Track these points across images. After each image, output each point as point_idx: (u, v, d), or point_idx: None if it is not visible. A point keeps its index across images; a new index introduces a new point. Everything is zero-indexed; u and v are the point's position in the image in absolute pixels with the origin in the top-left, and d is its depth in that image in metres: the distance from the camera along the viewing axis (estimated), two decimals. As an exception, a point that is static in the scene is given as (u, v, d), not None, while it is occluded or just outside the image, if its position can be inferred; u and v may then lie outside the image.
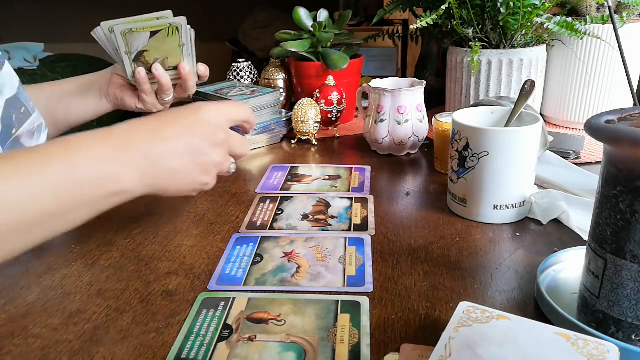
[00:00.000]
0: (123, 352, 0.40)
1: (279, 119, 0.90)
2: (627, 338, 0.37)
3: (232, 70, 1.04)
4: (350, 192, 0.68)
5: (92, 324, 0.43)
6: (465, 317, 0.35)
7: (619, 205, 0.35)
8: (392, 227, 0.58)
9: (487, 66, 0.82)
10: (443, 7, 0.76)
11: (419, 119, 0.79)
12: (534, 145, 0.56)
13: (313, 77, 0.96)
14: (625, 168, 0.34)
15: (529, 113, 0.61)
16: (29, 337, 0.42)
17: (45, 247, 0.56)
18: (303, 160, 0.82)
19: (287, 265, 0.51)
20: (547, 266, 0.47)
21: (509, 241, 0.54)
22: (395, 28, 1.23)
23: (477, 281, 0.47)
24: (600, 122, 0.36)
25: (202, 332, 0.42)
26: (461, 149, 0.57)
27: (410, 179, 0.72)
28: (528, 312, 0.43)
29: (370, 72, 1.24)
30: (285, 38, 0.98)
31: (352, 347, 0.39)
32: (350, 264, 0.51)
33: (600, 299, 0.38)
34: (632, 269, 0.35)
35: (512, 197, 0.57)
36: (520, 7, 0.74)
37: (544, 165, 0.68)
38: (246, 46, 3.03)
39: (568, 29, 0.74)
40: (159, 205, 0.65)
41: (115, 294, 0.47)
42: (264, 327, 0.42)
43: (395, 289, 0.47)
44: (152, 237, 0.58)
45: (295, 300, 0.45)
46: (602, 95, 0.86)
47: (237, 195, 0.68)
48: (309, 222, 0.60)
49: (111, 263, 0.53)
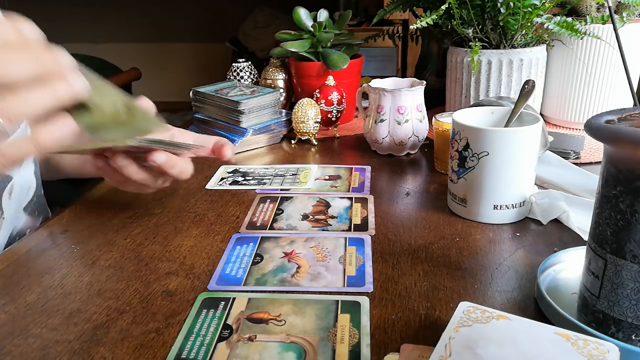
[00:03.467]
0: (123, 352, 0.40)
1: (279, 119, 0.90)
2: (627, 338, 0.37)
3: (232, 70, 1.04)
4: (350, 192, 0.68)
5: (92, 324, 0.43)
6: (465, 317, 0.35)
7: (619, 205, 0.35)
8: (392, 227, 0.58)
9: (487, 66, 0.82)
10: (443, 7, 0.76)
11: (419, 119, 0.79)
12: (534, 145, 0.56)
13: (313, 77, 0.96)
14: (625, 168, 0.34)
15: (529, 113, 0.61)
16: (29, 337, 0.42)
17: (45, 247, 0.56)
18: (303, 160, 0.82)
19: (287, 265, 0.51)
20: (547, 266, 0.47)
21: (509, 241, 0.54)
22: (395, 28, 1.23)
23: (477, 281, 0.47)
24: (600, 122, 0.36)
25: (202, 332, 0.42)
26: (461, 149, 0.57)
27: (410, 179, 0.72)
28: (528, 312, 0.43)
29: (370, 72, 1.24)
30: (285, 38, 0.98)
31: (352, 347, 0.39)
32: (350, 264, 0.51)
33: (600, 299, 0.38)
34: (632, 269, 0.35)
35: (512, 197, 0.57)
36: (520, 7, 0.74)
37: (544, 165, 0.68)
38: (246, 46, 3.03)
39: (568, 29, 0.74)
40: (159, 205, 0.65)
41: (115, 294, 0.47)
42: (264, 327, 0.42)
43: (395, 289, 0.47)
44: (152, 237, 0.58)
45: (295, 300, 0.45)
46: (602, 95, 0.86)
47: (237, 195, 0.68)
48: (309, 222, 0.60)
49: (111, 263, 0.53)
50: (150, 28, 3.70)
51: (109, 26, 3.67)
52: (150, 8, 3.61)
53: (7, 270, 0.52)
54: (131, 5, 3.60)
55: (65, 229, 0.61)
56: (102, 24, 3.66)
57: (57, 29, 3.66)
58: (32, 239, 0.58)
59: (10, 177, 0.60)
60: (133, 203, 0.65)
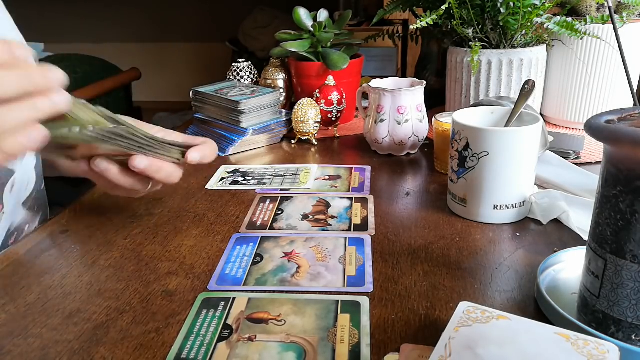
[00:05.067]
0: (123, 352, 0.40)
1: (279, 119, 0.90)
2: (627, 338, 0.37)
3: (232, 70, 1.04)
4: (350, 192, 0.68)
5: (92, 324, 0.43)
6: (465, 317, 0.35)
7: (619, 205, 0.35)
8: (392, 227, 0.58)
9: (487, 66, 0.82)
10: (443, 7, 0.76)
11: (419, 119, 0.79)
12: (534, 145, 0.56)
13: (313, 77, 0.96)
14: (625, 168, 0.34)
15: (529, 113, 0.61)
16: (29, 337, 0.42)
17: (45, 247, 0.56)
18: (303, 160, 0.82)
19: (287, 265, 0.51)
20: (547, 266, 0.47)
21: (509, 241, 0.54)
22: (395, 28, 1.23)
23: (477, 281, 0.47)
24: (600, 122, 0.36)
25: (202, 332, 0.42)
26: (461, 149, 0.57)
27: (410, 179, 0.72)
28: (528, 312, 0.43)
29: (370, 72, 1.24)
30: (285, 38, 0.98)
31: (352, 347, 0.39)
32: (350, 264, 0.51)
33: (600, 299, 0.38)
34: (632, 269, 0.35)
35: (512, 197, 0.57)
36: (520, 7, 0.74)
37: (544, 165, 0.68)
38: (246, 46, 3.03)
39: (568, 29, 0.74)
40: (159, 205, 0.65)
41: (115, 294, 0.47)
42: (264, 327, 0.42)
43: (395, 289, 0.47)
44: (152, 237, 0.58)
45: (295, 300, 0.45)
46: (602, 95, 0.86)
47: (237, 195, 0.68)
48: (309, 222, 0.60)
49: (111, 263, 0.53)
50: (150, 28, 3.70)
51: (109, 26, 3.67)
52: (151, 8, 3.61)
53: (7, 270, 0.52)
54: (131, 5, 3.60)
55: (65, 229, 0.61)
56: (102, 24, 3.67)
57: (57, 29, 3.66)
58: (32, 239, 0.58)
59: (12, 172, 0.60)
60: (133, 203, 0.65)
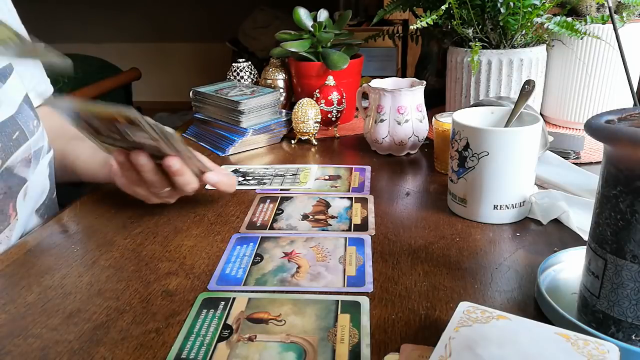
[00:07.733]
0: (123, 352, 0.40)
1: (279, 119, 0.90)
2: (627, 338, 0.37)
3: (232, 70, 1.04)
4: (350, 192, 0.68)
5: (92, 324, 0.43)
6: (465, 317, 0.35)
7: (619, 205, 0.35)
8: (392, 227, 0.58)
9: (487, 66, 0.82)
10: (443, 7, 0.76)
11: (419, 119, 0.79)
12: (534, 145, 0.56)
13: (313, 77, 0.96)
14: (625, 168, 0.34)
15: (529, 113, 0.61)
16: (29, 337, 0.42)
17: (45, 247, 0.56)
18: (303, 160, 0.82)
19: (287, 265, 0.51)
20: (547, 266, 0.47)
21: (509, 241, 0.54)
22: (395, 28, 1.23)
23: (477, 281, 0.47)
24: (600, 122, 0.36)
25: (202, 332, 0.42)
26: (461, 149, 0.57)
27: (410, 179, 0.72)
28: (528, 312, 0.43)
29: (370, 72, 1.24)
30: (285, 38, 0.98)
31: (352, 347, 0.39)
32: (350, 264, 0.51)
33: (600, 299, 0.38)
34: (632, 269, 0.35)
35: (512, 197, 0.57)
36: (520, 7, 0.74)
37: (544, 165, 0.68)
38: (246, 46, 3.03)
39: (568, 29, 0.74)
40: (159, 205, 0.65)
41: (115, 294, 0.47)
42: (264, 327, 0.42)
43: (395, 289, 0.47)
44: (152, 237, 0.58)
45: (295, 300, 0.45)
46: (602, 95, 0.86)
47: (237, 195, 0.68)
48: (309, 222, 0.60)
49: (111, 263, 0.53)
50: (150, 28, 3.70)
51: (109, 26, 3.67)
52: (151, 8, 3.61)
53: (7, 270, 0.52)
54: (131, 5, 3.60)
55: (65, 229, 0.61)
56: (102, 24, 3.66)
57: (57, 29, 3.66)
58: (32, 239, 0.58)
59: (25, 180, 0.60)
60: (133, 203, 0.65)
